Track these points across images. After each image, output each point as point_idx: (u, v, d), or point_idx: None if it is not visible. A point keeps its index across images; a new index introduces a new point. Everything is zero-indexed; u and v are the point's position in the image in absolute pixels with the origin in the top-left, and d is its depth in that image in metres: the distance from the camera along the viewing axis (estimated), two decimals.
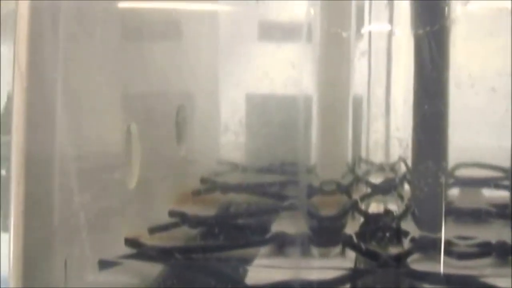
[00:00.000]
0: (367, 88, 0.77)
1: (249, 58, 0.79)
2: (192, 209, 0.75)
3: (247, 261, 0.67)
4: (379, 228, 0.70)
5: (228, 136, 0.82)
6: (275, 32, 0.78)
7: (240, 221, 0.76)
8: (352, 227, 0.71)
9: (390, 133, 0.75)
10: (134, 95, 0.68)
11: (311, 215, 0.73)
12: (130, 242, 0.66)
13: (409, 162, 0.71)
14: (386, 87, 0.76)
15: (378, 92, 0.76)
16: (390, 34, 0.76)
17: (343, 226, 0.72)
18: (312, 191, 0.75)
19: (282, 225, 0.72)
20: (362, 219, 0.74)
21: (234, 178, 0.81)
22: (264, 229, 0.71)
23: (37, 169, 0.52)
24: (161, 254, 0.66)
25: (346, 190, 0.77)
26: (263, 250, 0.70)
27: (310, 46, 0.75)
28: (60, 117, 0.54)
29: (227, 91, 0.81)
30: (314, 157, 0.78)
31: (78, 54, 0.57)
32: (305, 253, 0.68)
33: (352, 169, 0.79)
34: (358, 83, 0.77)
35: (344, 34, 0.76)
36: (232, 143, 0.82)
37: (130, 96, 0.67)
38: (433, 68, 0.66)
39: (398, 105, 0.74)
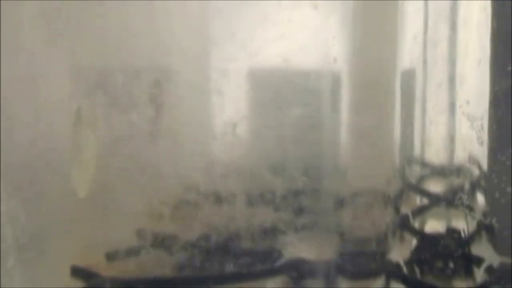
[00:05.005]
0: (422, 52, 0.66)
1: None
2: (170, 227, 0.64)
3: None
4: (440, 253, 0.61)
5: (223, 126, 0.66)
6: None
7: (239, 242, 0.64)
8: (400, 253, 0.62)
9: (455, 110, 0.65)
10: (84, 68, 0.60)
11: (340, 235, 0.63)
12: (78, 272, 0.57)
13: (485, 153, 0.61)
14: (449, 47, 0.65)
15: (438, 56, 0.65)
16: None
17: (387, 250, 0.62)
18: (341, 203, 0.64)
19: (298, 248, 0.62)
20: (415, 241, 0.65)
21: (230, 184, 0.67)
22: (273, 254, 0.62)
23: None
24: None
25: (391, 201, 0.65)
26: (272, 283, 0.60)
27: None
28: None
29: (220, 63, 0.66)
30: (343, 155, 0.65)
31: None
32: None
33: (400, 173, 0.67)
34: (409, 49, 0.66)
35: None
36: (229, 136, 0.66)
37: (79, 70, 0.59)
38: None
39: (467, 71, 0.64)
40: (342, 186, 0.64)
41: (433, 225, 0.67)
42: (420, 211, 0.67)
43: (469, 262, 0.61)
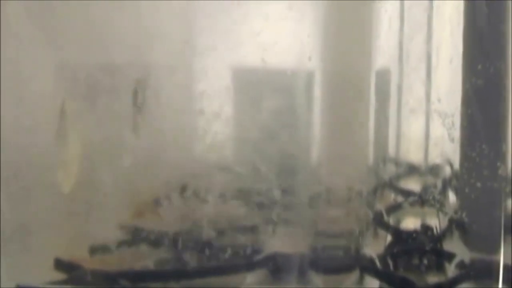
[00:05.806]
0: (396, 50, 0.67)
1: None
2: (151, 222, 0.65)
3: None
4: (413, 249, 0.62)
5: (203, 126, 0.67)
6: None
7: (219, 237, 0.65)
8: (374, 248, 0.63)
9: (429, 107, 0.66)
10: (67, 64, 0.60)
11: (316, 231, 0.63)
12: (61, 264, 0.57)
13: (456, 150, 0.61)
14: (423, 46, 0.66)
15: (412, 54, 0.66)
16: None
17: (361, 246, 0.62)
18: (316, 200, 0.64)
19: (276, 244, 0.63)
20: (388, 238, 0.66)
21: (209, 180, 0.68)
22: (252, 249, 0.62)
23: None
24: (104, 282, 0.57)
25: (365, 198, 0.66)
26: (252, 277, 0.61)
27: None
28: None
29: (204, 62, 0.67)
30: (318, 154, 0.66)
31: None
32: (308, 281, 0.59)
33: (374, 171, 0.68)
34: (383, 47, 0.66)
35: None
36: (211, 135, 0.68)
37: (62, 66, 0.60)
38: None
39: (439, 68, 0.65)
40: (317, 182, 0.64)
41: (407, 223, 0.68)
42: (394, 208, 0.67)
43: (440, 258, 0.61)
